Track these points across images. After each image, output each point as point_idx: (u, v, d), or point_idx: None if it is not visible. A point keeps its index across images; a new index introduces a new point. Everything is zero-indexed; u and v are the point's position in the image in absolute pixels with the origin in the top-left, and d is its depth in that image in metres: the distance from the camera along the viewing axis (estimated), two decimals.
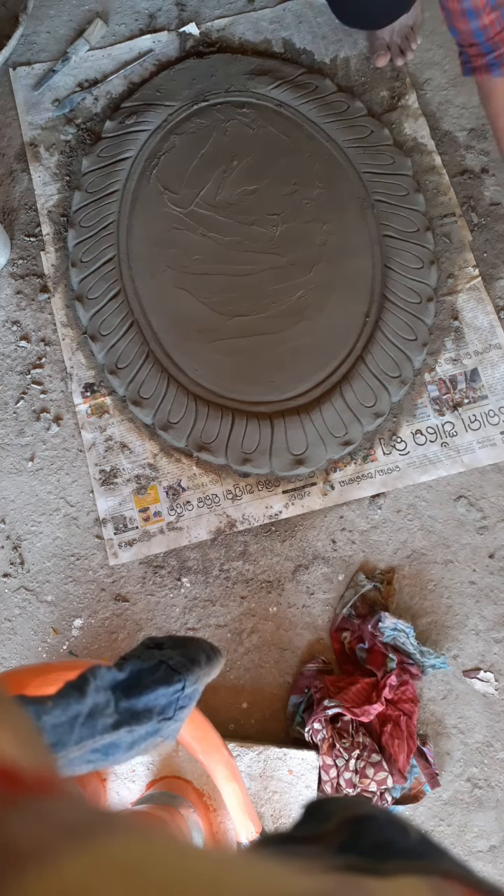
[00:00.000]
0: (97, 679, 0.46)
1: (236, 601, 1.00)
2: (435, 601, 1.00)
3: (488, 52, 0.87)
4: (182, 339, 1.06)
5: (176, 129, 1.15)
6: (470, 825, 0.94)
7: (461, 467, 1.04)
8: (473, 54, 0.89)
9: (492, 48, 0.87)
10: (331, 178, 1.13)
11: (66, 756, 0.44)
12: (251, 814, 0.82)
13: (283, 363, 1.05)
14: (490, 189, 1.15)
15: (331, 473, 1.04)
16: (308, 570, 1.01)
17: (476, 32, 0.86)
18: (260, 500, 1.03)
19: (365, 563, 1.02)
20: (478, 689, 0.97)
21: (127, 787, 0.89)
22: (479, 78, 0.91)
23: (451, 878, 0.25)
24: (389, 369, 1.05)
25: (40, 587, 1.01)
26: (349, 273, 1.09)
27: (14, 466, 1.05)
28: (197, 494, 1.03)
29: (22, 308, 1.11)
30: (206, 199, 1.12)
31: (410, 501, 1.04)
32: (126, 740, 0.48)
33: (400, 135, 1.17)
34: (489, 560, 1.02)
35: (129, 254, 1.10)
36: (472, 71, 0.91)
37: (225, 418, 1.02)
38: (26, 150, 1.17)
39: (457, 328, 1.09)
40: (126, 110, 1.16)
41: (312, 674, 0.96)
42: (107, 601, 1.00)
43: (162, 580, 1.01)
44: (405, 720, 0.90)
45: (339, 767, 0.88)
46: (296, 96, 1.16)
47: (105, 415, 1.06)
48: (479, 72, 0.90)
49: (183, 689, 0.50)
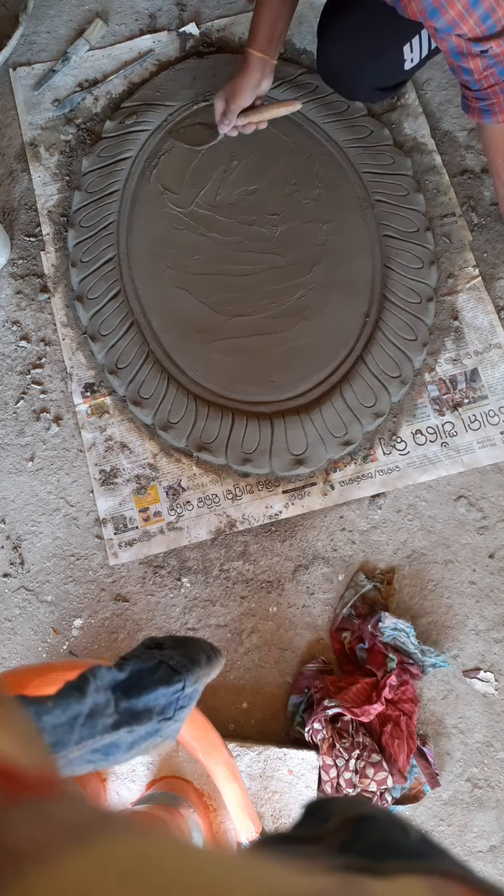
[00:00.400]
0: (97, 679, 0.46)
1: (236, 601, 1.00)
2: (435, 601, 1.00)
3: (481, 99, 0.89)
4: (182, 339, 1.06)
5: (176, 129, 1.15)
6: (470, 825, 0.94)
7: (461, 467, 1.04)
8: (470, 96, 0.91)
9: (484, 97, 0.89)
10: (331, 178, 1.13)
11: (67, 756, 0.44)
12: (251, 814, 0.82)
13: (283, 363, 1.05)
14: (490, 189, 1.15)
15: (331, 473, 1.04)
16: (308, 570, 1.01)
17: (471, 83, 0.88)
18: (260, 500, 1.03)
19: (365, 563, 1.02)
20: (478, 689, 0.97)
21: (127, 787, 0.89)
22: (474, 119, 0.93)
23: (451, 878, 0.25)
24: (389, 369, 1.05)
25: (40, 587, 1.01)
26: (349, 273, 1.09)
27: (14, 466, 1.05)
28: (197, 494, 1.03)
29: (22, 308, 1.11)
30: (206, 199, 1.12)
31: (410, 501, 1.04)
32: (126, 740, 0.48)
33: (400, 135, 1.17)
34: (489, 560, 1.02)
35: (129, 254, 1.10)
36: (468, 109, 0.93)
37: (225, 418, 1.02)
38: (26, 150, 1.17)
39: (457, 328, 1.09)
40: (126, 110, 1.16)
41: (312, 674, 0.96)
42: (107, 601, 1.00)
43: (162, 580, 1.01)
44: (405, 720, 0.90)
45: (339, 767, 0.88)
46: (296, 96, 1.16)
47: (105, 415, 1.06)
48: (474, 114, 0.92)
49: (183, 689, 0.50)
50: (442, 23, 0.79)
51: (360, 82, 1.07)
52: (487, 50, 0.81)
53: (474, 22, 0.78)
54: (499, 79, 0.86)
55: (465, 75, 0.87)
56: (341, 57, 1.04)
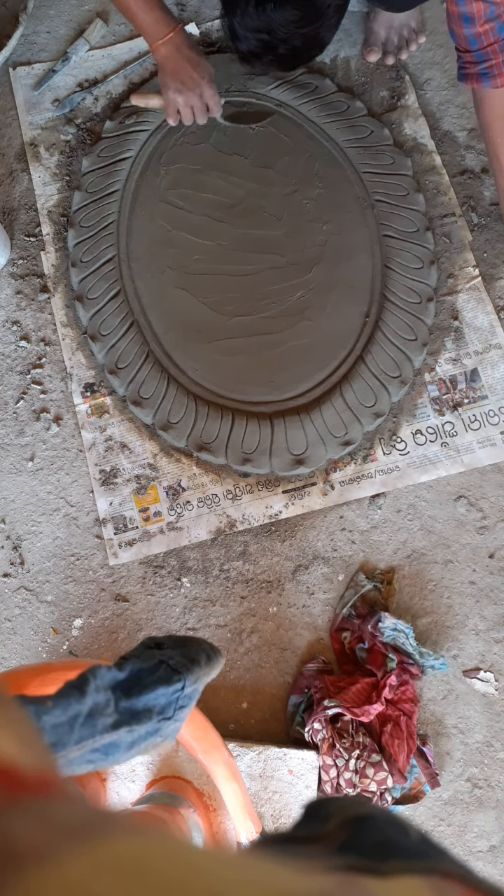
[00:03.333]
0: (97, 679, 0.46)
1: (236, 601, 1.00)
2: (435, 601, 1.00)
3: (480, 61, 0.87)
4: (182, 339, 1.06)
5: (176, 129, 1.15)
6: (470, 825, 0.94)
7: (461, 467, 1.04)
8: (467, 61, 0.89)
9: (484, 58, 0.87)
10: (331, 178, 1.13)
11: (66, 756, 0.44)
12: (251, 814, 0.82)
13: (283, 363, 1.05)
14: (490, 189, 1.15)
15: (331, 473, 1.04)
16: (308, 570, 1.01)
17: (470, 39, 0.86)
18: (260, 500, 1.03)
19: (365, 563, 1.02)
20: (478, 689, 0.97)
21: (127, 787, 0.89)
22: (472, 86, 0.92)
23: (451, 878, 0.25)
24: (389, 369, 1.05)
25: (40, 587, 1.01)
26: (349, 273, 1.09)
27: (14, 466, 1.05)
28: (197, 494, 1.03)
29: (22, 308, 1.11)
30: (206, 200, 1.12)
31: (410, 501, 1.04)
32: (126, 740, 0.48)
33: (400, 135, 1.17)
34: (489, 560, 1.02)
35: (129, 254, 1.10)
36: (466, 77, 0.91)
37: (225, 418, 1.02)
38: (26, 150, 1.17)
39: (457, 328, 1.09)
40: (126, 110, 1.16)
41: (312, 674, 0.96)
42: (107, 601, 1.00)
43: (162, 580, 1.01)
44: (405, 720, 0.90)
45: (339, 767, 0.88)
46: (296, 96, 1.16)
47: (105, 415, 1.06)
48: (472, 80, 0.90)
49: (183, 689, 0.50)
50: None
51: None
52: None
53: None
54: (498, 37, 0.84)
55: (465, 26, 0.84)
56: None
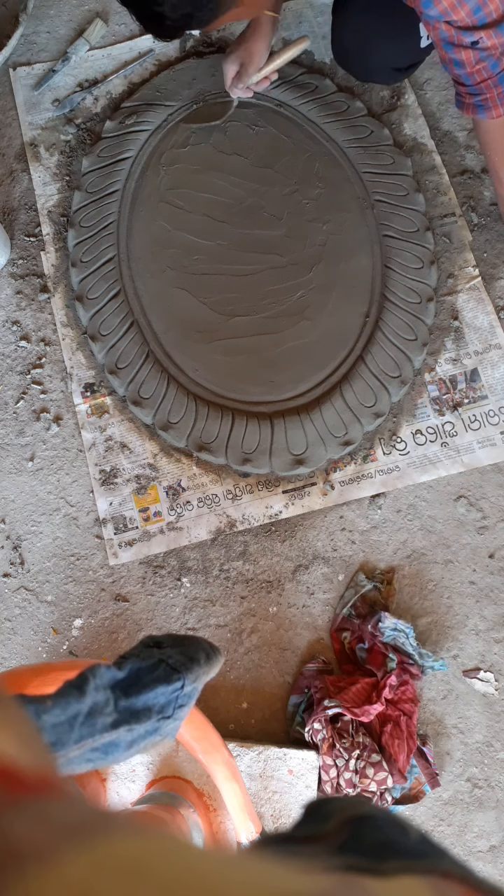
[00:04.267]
0: (97, 678, 0.46)
1: (236, 601, 1.00)
2: (435, 601, 1.00)
3: (475, 94, 0.90)
4: (182, 339, 1.06)
5: (176, 129, 1.15)
6: (470, 825, 0.94)
7: (461, 467, 1.04)
8: (463, 92, 0.92)
9: (478, 92, 0.89)
10: (331, 178, 1.13)
11: (66, 755, 0.44)
12: (251, 814, 0.82)
13: (283, 363, 1.05)
14: (490, 189, 1.15)
15: (331, 473, 1.04)
16: (308, 570, 1.01)
17: (463, 77, 0.89)
18: (260, 500, 1.03)
19: (365, 563, 1.02)
20: (478, 689, 0.97)
21: (127, 787, 0.89)
22: (468, 115, 0.94)
23: (451, 878, 0.25)
24: (389, 369, 1.05)
25: (40, 587, 1.01)
26: (349, 273, 1.09)
27: (14, 466, 1.05)
28: (197, 494, 1.03)
29: (22, 308, 1.11)
30: (206, 200, 1.12)
31: (410, 501, 1.04)
32: (125, 739, 0.48)
33: (400, 135, 1.17)
34: (489, 560, 1.02)
35: (129, 254, 1.10)
36: (462, 106, 0.93)
37: (225, 418, 1.02)
38: (26, 150, 1.17)
39: (457, 328, 1.09)
40: (126, 110, 1.16)
41: (312, 674, 0.96)
42: (107, 601, 1.00)
43: (162, 580, 1.01)
44: (405, 720, 0.90)
45: (339, 767, 0.88)
46: (296, 96, 1.16)
47: (105, 415, 1.06)
48: (468, 110, 0.92)
49: (182, 688, 0.50)
50: (434, 12, 0.81)
51: (375, 61, 1.07)
52: (478, 41, 0.82)
53: (465, 13, 0.80)
54: (491, 73, 0.86)
55: (457, 68, 0.87)
56: (356, 34, 1.04)
